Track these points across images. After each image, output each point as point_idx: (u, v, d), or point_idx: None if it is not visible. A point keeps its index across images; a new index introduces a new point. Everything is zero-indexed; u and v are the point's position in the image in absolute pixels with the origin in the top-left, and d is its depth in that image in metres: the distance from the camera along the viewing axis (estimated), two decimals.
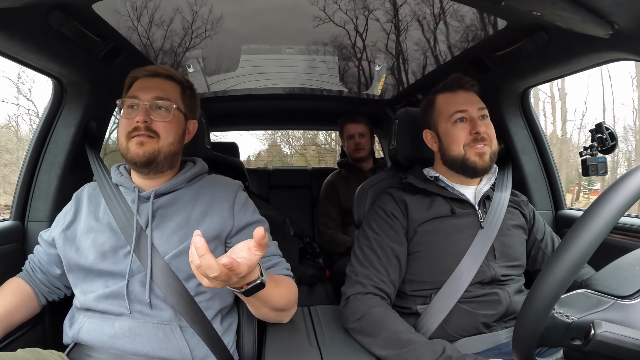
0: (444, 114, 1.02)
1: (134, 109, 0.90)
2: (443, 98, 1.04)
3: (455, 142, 0.99)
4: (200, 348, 0.84)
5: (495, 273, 0.94)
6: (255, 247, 0.62)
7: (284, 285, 0.88)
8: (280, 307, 0.88)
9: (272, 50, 1.62)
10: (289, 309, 0.93)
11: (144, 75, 0.94)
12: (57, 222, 0.97)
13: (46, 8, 0.87)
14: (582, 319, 0.54)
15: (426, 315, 0.93)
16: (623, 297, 0.54)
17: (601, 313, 0.54)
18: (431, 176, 1.05)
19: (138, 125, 0.87)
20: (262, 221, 0.97)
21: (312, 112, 2.47)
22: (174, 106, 0.92)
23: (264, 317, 0.90)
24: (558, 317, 0.54)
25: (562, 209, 1.42)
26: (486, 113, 1.01)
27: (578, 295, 0.56)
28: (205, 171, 1.02)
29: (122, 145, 0.89)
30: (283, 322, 0.95)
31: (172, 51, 1.49)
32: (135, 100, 0.90)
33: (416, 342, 0.81)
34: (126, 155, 0.89)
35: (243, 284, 0.67)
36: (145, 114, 0.88)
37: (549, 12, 0.83)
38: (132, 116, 0.89)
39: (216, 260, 0.58)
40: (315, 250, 2.31)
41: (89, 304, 0.85)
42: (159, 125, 0.90)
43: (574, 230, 0.50)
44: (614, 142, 1.08)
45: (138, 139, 0.88)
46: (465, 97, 1.01)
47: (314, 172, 2.74)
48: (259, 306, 0.84)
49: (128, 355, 0.81)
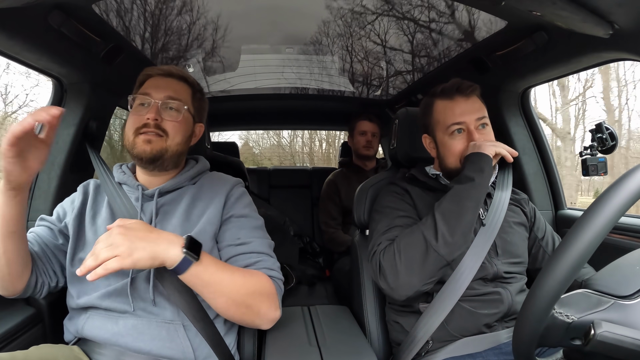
0: (441, 123, 1.01)
1: (144, 106, 0.91)
2: (441, 106, 1.01)
3: (452, 154, 0.99)
4: (203, 348, 0.84)
5: (497, 270, 0.94)
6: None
7: (246, 275, 0.83)
8: (241, 300, 0.80)
9: (272, 50, 1.63)
10: (252, 305, 0.82)
11: (158, 74, 0.94)
12: (65, 208, 0.95)
13: (46, 8, 0.88)
14: (582, 319, 0.54)
15: (428, 314, 0.93)
16: (623, 297, 0.54)
17: (601, 313, 0.54)
18: (432, 174, 1.06)
19: (148, 122, 0.88)
20: (255, 217, 0.95)
21: (311, 112, 2.47)
22: (185, 107, 0.93)
23: (229, 313, 0.82)
24: (558, 317, 0.54)
25: (562, 209, 1.42)
26: (486, 122, 0.99)
27: (578, 295, 0.56)
28: (207, 169, 1.03)
29: (129, 140, 0.90)
30: (262, 326, 0.87)
31: (172, 51, 1.49)
32: (147, 98, 0.90)
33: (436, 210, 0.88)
34: (132, 151, 0.89)
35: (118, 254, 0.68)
36: (156, 112, 0.89)
37: (549, 12, 0.83)
38: (142, 113, 0.90)
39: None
40: (316, 250, 2.31)
41: (92, 302, 0.84)
42: (168, 124, 0.91)
43: (575, 230, 0.49)
44: (614, 142, 1.09)
45: (146, 136, 0.88)
46: (464, 106, 0.98)
47: (314, 172, 2.74)
48: (213, 294, 0.78)
49: (131, 352, 0.81)
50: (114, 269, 0.67)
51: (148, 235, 0.72)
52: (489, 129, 0.99)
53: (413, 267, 0.86)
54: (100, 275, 0.66)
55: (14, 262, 0.79)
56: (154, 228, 0.75)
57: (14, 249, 0.78)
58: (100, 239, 0.70)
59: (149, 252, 0.70)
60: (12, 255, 0.78)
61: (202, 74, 1.76)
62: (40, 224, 0.94)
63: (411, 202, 1.01)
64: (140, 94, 0.92)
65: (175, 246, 0.73)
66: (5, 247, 0.77)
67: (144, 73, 0.96)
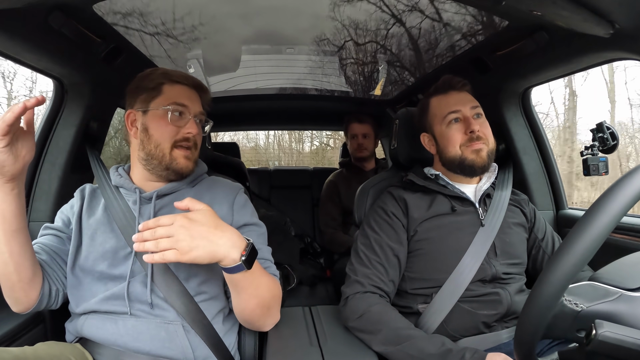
0: (438, 116, 1.03)
1: (179, 117, 0.91)
2: (436, 101, 1.05)
3: (451, 143, 1.00)
4: (203, 348, 0.84)
5: (496, 271, 0.94)
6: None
7: (271, 279, 0.86)
8: (267, 303, 0.84)
9: (272, 50, 1.63)
10: (272, 307, 0.87)
11: (191, 85, 0.95)
12: (67, 214, 0.94)
13: (47, 9, 0.88)
14: (590, 308, 0.54)
15: (427, 315, 0.93)
16: (630, 289, 0.54)
17: (609, 303, 0.54)
18: (431, 174, 1.06)
19: (189, 136, 0.90)
20: (260, 225, 0.97)
21: (312, 112, 2.47)
22: (211, 123, 0.99)
23: (254, 313, 0.84)
24: (567, 304, 0.54)
25: (563, 209, 1.42)
26: (480, 112, 1.02)
27: (586, 286, 0.56)
28: (205, 172, 1.03)
29: (164, 152, 0.89)
30: (266, 328, 0.91)
31: (172, 51, 1.49)
32: (184, 109, 0.91)
33: (416, 337, 0.82)
34: (170, 163, 0.90)
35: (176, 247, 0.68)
36: (198, 127, 0.92)
37: (550, 11, 0.83)
38: (181, 124, 0.90)
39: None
40: (316, 251, 2.31)
41: (91, 308, 0.85)
42: (198, 139, 0.94)
43: (597, 205, 0.48)
44: (615, 141, 1.08)
45: (186, 152, 0.91)
46: (458, 97, 1.02)
47: (315, 172, 2.74)
48: (248, 296, 0.79)
49: (131, 353, 0.81)
50: (171, 261, 0.67)
51: (212, 233, 0.71)
52: (484, 119, 1.02)
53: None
54: (156, 261, 0.68)
55: (22, 265, 0.78)
56: (220, 221, 0.74)
57: (20, 250, 0.77)
58: (161, 221, 0.69)
59: (208, 251, 0.69)
60: (19, 258, 0.77)
61: (202, 74, 1.76)
62: (45, 232, 0.93)
63: (405, 210, 1.01)
64: (178, 104, 0.91)
65: (236, 251, 0.72)
66: (11, 249, 0.76)
67: (166, 76, 0.93)
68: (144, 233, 0.69)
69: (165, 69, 0.96)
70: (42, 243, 0.90)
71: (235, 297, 0.81)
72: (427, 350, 0.79)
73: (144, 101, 0.92)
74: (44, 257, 0.87)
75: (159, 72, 0.94)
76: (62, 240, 0.91)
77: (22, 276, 0.79)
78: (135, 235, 0.69)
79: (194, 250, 0.68)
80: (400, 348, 0.82)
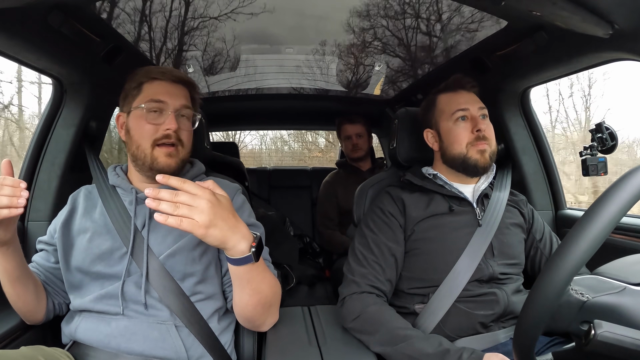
0: (446, 112, 1.03)
1: (157, 114, 0.87)
2: (445, 98, 1.05)
3: (457, 141, 1.00)
4: (196, 347, 0.84)
5: (493, 271, 0.94)
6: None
7: (273, 277, 0.85)
8: (269, 300, 0.83)
9: (272, 50, 1.62)
10: (273, 305, 0.87)
11: (168, 80, 0.90)
12: (55, 223, 0.95)
13: (46, 8, 0.87)
14: (596, 299, 0.54)
15: (424, 315, 0.93)
16: (634, 284, 0.55)
17: (615, 295, 0.54)
18: (429, 174, 1.06)
19: (168, 133, 0.85)
20: (257, 225, 0.95)
21: (312, 112, 2.47)
22: (199, 116, 0.93)
23: (255, 310, 0.83)
24: (573, 294, 0.54)
25: (562, 209, 1.42)
26: (486, 113, 1.03)
27: (590, 279, 0.57)
28: (202, 172, 1.02)
29: (145, 152, 0.86)
30: (264, 328, 0.90)
31: (172, 51, 1.49)
32: (162, 105, 0.87)
33: (413, 337, 0.82)
34: (152, 164, 0.86)
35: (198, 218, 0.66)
36: (177, 122, 0.86)
37: (549, 11, 0.83)
38: (159, 122, 0.86)
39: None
40: (316, 250, 2.31)
41: (85, 306, 0.85)
42: (183, 134, 0.89)
43: (609, 191, 0.48)
44: (614, 141, 1.08)
45: (167, 149, 0.86)
46: (467, 96, 1.03)
47: (314, 172, 2.74)
48: (252, 291, 0.78)
49: (124, 354, 0.81)
50: (185, 229, 0.64)
51: (230, 219, 0.69)
52: (489, 122, 1.03)
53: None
54: (170, 224, 0.64)
55: (29, 300, 0.87)
56: (236, 213, 0.73)
57: (25, 290, 0.86)
58: (187, 187, 0.66)
59: (223, 235, 0.68)
60: (25, 296, 0.86)
61: (202, 74, 1.76)
62: (39, 248, 0.96)
63: (402, 209, 1.01)
64: (154, 100, 0.87)
65: (246, 242, 0.71)
66: (17, 291, 0.85)
67: (146, 74, 0.90)
68: (162, 193, 0.64)
69: (149, 67, 0.92)
70: (37, 263, 0.95)
71: (238, 293, 0.80)
72: (424, 351, 0.79)
73: (128, 102, 0.91)
74: (42, 277, 0.93)
75: (141, 71, 0.91)
76: (49, 256, 0.94)
77: (30, 307, 0.89)
78: (149, 190, 0.64)
79: (211, 228, 0.66)
80: (397, 348, 0.82)
